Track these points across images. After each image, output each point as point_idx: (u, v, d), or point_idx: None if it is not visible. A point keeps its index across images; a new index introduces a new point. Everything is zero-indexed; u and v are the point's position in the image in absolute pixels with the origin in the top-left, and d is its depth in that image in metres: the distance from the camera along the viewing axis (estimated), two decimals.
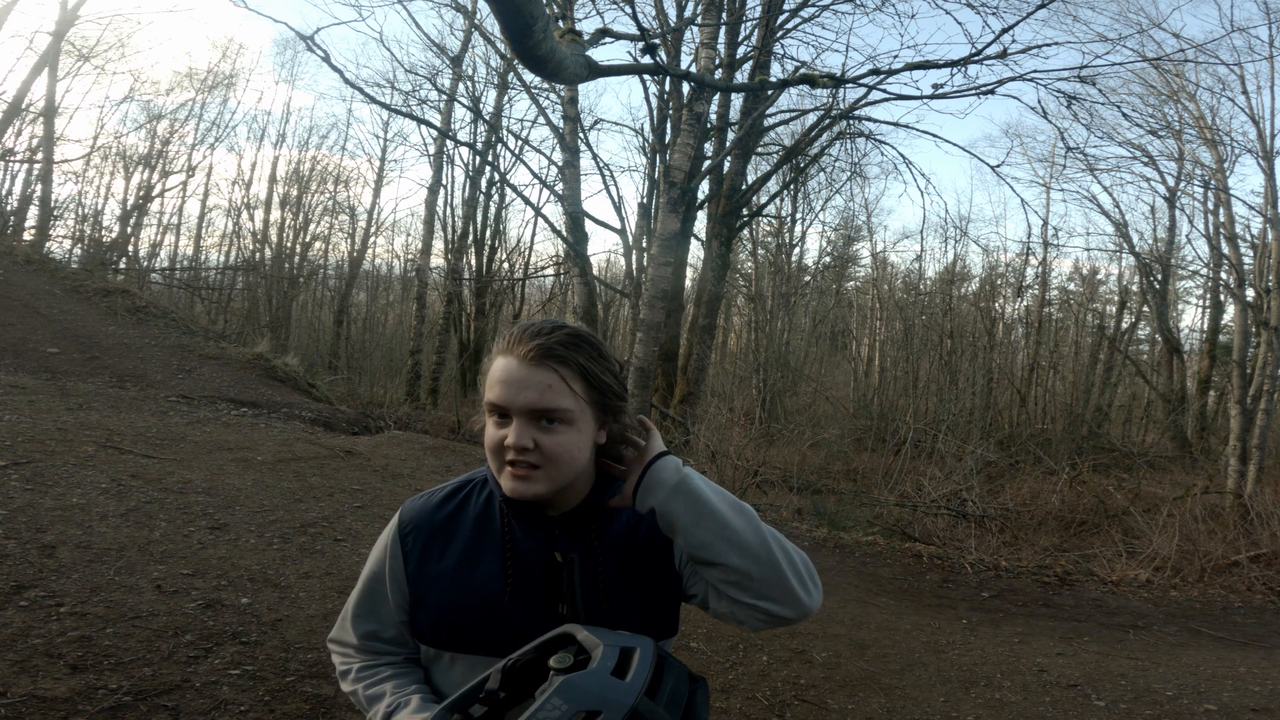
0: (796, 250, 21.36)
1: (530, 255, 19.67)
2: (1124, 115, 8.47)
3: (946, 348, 17.56)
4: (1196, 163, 13.55)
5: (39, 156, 15.27)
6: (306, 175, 21.08)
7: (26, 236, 14.33)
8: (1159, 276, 16.82)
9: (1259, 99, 23.85)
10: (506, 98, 15.47)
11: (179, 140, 19.39)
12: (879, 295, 22.48)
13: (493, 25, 12.18)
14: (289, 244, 20.73)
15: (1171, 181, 15.46)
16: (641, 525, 1.05)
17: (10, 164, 15.58)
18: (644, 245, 11.31)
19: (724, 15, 8.88)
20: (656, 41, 7.93)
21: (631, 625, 1.00)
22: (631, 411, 1.04)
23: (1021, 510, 9.03)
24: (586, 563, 1.01)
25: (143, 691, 2.31)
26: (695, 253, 13.66)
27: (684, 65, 10.05)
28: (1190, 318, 34.46)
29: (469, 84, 15.32)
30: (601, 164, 17.86)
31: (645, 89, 11.86)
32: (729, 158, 10.34)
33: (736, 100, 10.43)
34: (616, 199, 21.23)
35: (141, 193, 18.98)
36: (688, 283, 11.91)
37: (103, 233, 18.38)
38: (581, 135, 11.06)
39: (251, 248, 20.50)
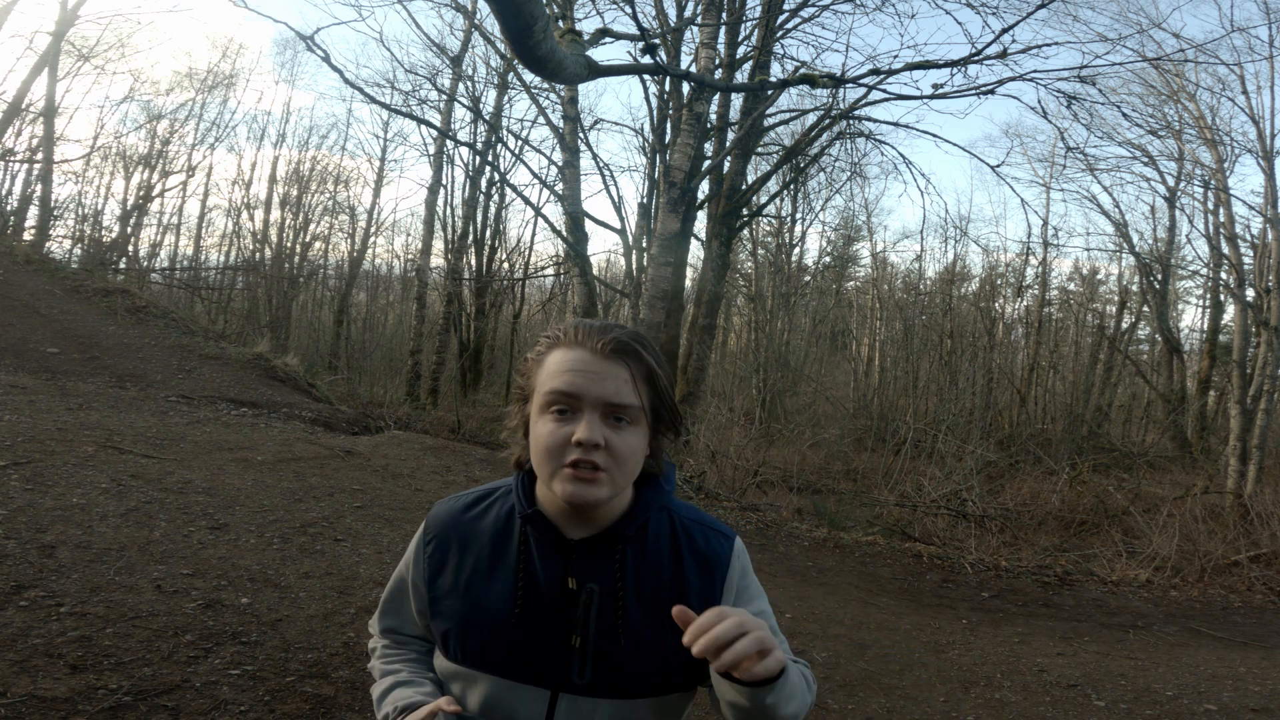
0: (796, 250, 21.39)
1: (530, 255, 19.72)
2: (1124, 115, 8.46)
3: (946, 348, 17.55)
4: (1196, 163, 13.55)
5: (39, 156, 15.28)
6: (306, 175, 21.14)
7: (26, 236, 14.34)
8: (1159, 276, 16.80)
9: (1259, 99, 23.80)
10: (506, 98, 15.49)
11: (179, 140, 19.46)
12: (879, 295, 22.46)
13: (493, 25, 12.18)
14: (289, 244, 20.76)
15: (1171, 181, 15.46)
16: (670, 564, 0.97)
17: (10, 164, 15.61)
18: (644, 245, 11.31)
19: (724, 15, 8.87)
20: (656, 41, 7.93)
21: (650, 668, 0.93)
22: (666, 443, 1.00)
23: (1021, 510, 9.04)
24: (607, 595, 0.93)
25: (143, 691, 2.31)
26: (695, 253, 13.65)
27: (684, 65, 10.04)
28: (1190, 318, 34.51)
29: (469, 84, 15.34)
30: (601, 164, 17.88)
31: (645, 89, 11.86)
32: (729, 158, 10.33)
33: (736, 100, 10.42)
34: (616, 199, 21.28)
35: (141, 193, 19.01)
36: (688, 283, 11.89)
37: (103, 233, 18.44)
38: (581, 135, 11.06)
39: (251, 248, 20.52)
